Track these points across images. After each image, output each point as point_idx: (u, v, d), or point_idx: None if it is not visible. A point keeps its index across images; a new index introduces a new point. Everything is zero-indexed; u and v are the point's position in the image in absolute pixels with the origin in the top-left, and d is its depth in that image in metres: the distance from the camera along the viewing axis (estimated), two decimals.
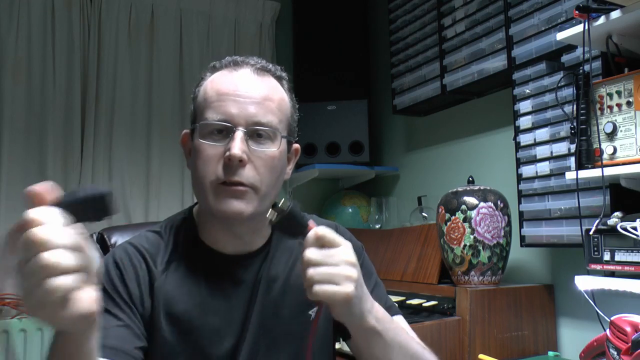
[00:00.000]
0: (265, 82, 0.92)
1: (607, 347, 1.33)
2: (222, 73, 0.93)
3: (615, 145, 1.39)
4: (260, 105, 0.89)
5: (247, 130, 0.87)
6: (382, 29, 2.75)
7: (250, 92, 0.89)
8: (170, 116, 2.70)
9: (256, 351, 0.92)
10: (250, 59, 0.94)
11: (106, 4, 2.60)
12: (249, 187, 0.87)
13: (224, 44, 2.86)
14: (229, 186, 0.86)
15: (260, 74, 0.93)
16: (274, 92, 0.92)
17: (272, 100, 0.91)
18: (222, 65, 0.95)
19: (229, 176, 0.86)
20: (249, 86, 0.90)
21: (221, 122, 0.87)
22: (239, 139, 0.86)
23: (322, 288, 0.73)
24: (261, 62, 0.95)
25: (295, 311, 0.95)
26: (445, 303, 1.81)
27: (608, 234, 1.37)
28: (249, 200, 0.87)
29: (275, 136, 0.90)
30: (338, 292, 0.74)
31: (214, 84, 0.92)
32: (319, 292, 0.73)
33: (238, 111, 0.87)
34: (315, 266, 0.74)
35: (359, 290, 0.77)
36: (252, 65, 0.93)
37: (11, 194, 2.38)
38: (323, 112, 2.69)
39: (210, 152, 0.87)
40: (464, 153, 2.36)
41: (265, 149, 0.89)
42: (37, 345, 2.29)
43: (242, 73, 0.92)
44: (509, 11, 1.93)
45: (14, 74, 2.42)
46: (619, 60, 1.46)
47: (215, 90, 0.90)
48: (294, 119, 0.98)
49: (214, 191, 0.87)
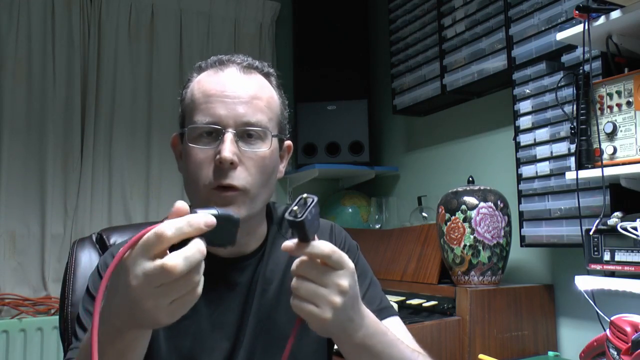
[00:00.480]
0: (252, 80, 0.90)
1: (607, 347, 1.33)
2: (207, 73, 0.91)
3: (615, 145, 1.39)
4: (249, 104, 0.87)
5: (237, 131, 0.85)
6: (382, 29, 2.75)
7: (238, 92, 0.87)
8: (170, 116, 2.70)
9: (252, 354, 0.91)
10: (237, 57, 0.92)
11: (106, 4, 2.60)
12: (240, 191, 0.85)
13: (224, 44, 2.86)
14: (220, 191, 0.85)
15: (247, 72, 0.91)
16: (262, 90, 0.90)
17: (260, 99, 0.89)
18: (208, 65, 0.93)
19: (220, 180, 0.84)
20: (236, 86, 0.88)
21: (210, 124, 0.86)
22: (228, 141, 0.84)
23: (301, 305, 0.70)
24: (247, 60, 0.92)
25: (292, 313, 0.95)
26: (445, 303, 1.81)
27: (608, 234, 1.37)
28: (241, 204, 0.86)
29: (265, 135, 0.88)
30: (314, 314, 0.70)
31: (201, 85, 0.90)
32: (296, 307, 0.71)
33: (226, 112, 0.85)
34: (303, 279, 0.70)
35: (342, 315, 0.72)
36: (238, 63, 0.91)
37: (11, 194, 2.38)
38: (323, 112, 2.69)
39: (200, 156, 0.86)
40: (464, 153, 2.36)
41: (256, 149, 0.87)
42: (37, 345, 2.29)
43: (229, 72, 0.90)
44: (509, 11, 1.93)
45: (14, 74, 2.42)
46: (619, 60, 1.46)
47: (202, 92, 0.89)
48: (284, 116, 0.96)
49: (206, 197, 0.86)
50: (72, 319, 1.04)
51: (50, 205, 2.43)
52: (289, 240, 0.71)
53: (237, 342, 0.91)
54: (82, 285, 1.07)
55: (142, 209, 2.62)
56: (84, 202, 2.49)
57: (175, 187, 2.68)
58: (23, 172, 2.42)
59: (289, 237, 0.99)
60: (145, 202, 2.63)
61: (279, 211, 1.03)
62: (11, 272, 2.36)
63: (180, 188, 2.68)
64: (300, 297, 0.70)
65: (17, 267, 2.38)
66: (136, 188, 2.62)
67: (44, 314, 2.36)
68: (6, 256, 2.36)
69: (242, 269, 0.94)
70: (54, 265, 2.42)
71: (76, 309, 1.03)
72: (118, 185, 2.58)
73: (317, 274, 0.70)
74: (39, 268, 2.41)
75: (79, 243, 1.15)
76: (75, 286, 1.08)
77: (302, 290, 0.70)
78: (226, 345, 0.90)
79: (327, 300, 0.70)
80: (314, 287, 0.70)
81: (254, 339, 0.92)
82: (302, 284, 0.70)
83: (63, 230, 2.46)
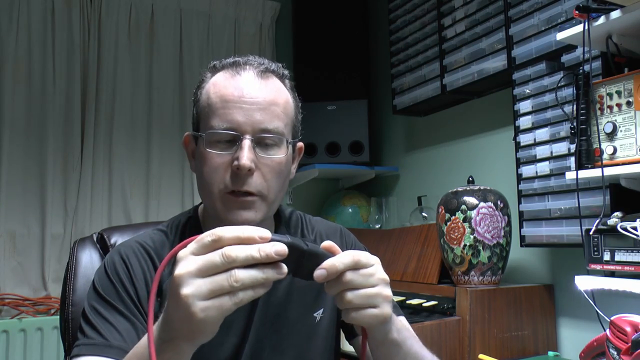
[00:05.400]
0: (269, 85, 0.90)
1: (607, 347, 1.33)
2: (224, 76, 0.90)
3: (615, 145, 1.39)
4: (266, 111, 0.87)
5: (254, 138, 0.86)
6: (382, 29, 2.75)
7: (255, 97, 0.87)
8: (170, 116, 2.70)
9: (260, 352, 0.91)
10: (253, 60, 0.92)
11: (106, 4, 2.60)
12: (257, 196, 0.86)
13: (224, 44, 2.86)
14: (237, 196, 0.86)
15: (264, 76, 0.90)
16: (279, 95, 0.90)
17: (277, 105, 0.89)
18: (223, 66, 0.92)
19: (237, 186, 0.85)
20: (253, 91, 0.87)
21: (228, 130, 0.86)
22: (246, 148, 0.84)
23: (362, 314, 0.70)
24: (264, 64, 0.92)
25: (301, 312, 0.95)
26: (445, 303, 1.81)
27: (608, 234, 1.37)
28: (258, 209, 0.87)
29: (281, 142, 0.89)
30: (378, 315, 0.70)
31: (218, 89, 0.89)
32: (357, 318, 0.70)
33: (244, 119, 0.85)
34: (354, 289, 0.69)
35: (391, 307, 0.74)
36: (255, 67, 0.90)
37: (11, 194, 2.38)
38: (323, 112, 2.69)
39: (217, 161, 0.86)
40: (464, 153, 2.36)
41: (272, 155, 0.88)
42: (37, 345, 2.29)
43: (246, 77, 0.89)
44: (509, 11, 1.93)
45: (14, 74, 2.42)
46: (619, 60, 1.46)
47: (219, 96, 0.88)
48: (298, 119, 0.97)
49: (222, 200, 0.87)
50: (74, 319, 1.04)
51: (50, 205, 2.43)
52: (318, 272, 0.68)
53: (244, 339, 0.91)
54: (83, 285, 1.07)
55: (142, 209, 2.62)
56: (84, 202, 2.49)
57: (175, 187, 2.68)
58: (23, 172, 2.42)
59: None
60: (145, 202, 2.63)
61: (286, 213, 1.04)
62: (11, 272, 2.36)
63: (180, 188, 2.68)
64: (356, 308, 0.70)
65: (17, 267, 2.38)
66: (136, 188, 2.62)
67: (44, 314, 2.36)
68: (6, 256, 2.36)
69: None
70: (54, 265, 2.42)
71: (77, 308, 1.04)
72: (118, 185, 2.58)
73: (359, 278, 0.69)
74: (39, 268, 2.41)
75: (79, 243, 1.15)
76: (77, 286, 1.08)
77: (357, 300, 0.69)
78: (234, 341, 0.91)
79: (382, 296, 0.71)
80: (364, 291, 0.69)
81: (262, 335, 0.92)
82: (355, 293, 0.69)
83: (63, 230, 2.46)
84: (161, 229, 0.97)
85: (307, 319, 0.95)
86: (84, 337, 0.84)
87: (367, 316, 0.70)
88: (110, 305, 0.85)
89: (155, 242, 0.94)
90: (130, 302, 0.86)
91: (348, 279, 0.68)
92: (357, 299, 0.69)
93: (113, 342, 0.81)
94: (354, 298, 0.69)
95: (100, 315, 0.84)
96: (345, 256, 0.69)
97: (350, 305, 0.69)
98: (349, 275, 0.68)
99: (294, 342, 0.94)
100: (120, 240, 1.13)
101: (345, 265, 0.68)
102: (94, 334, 0.82)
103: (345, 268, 0.68)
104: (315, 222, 1.07)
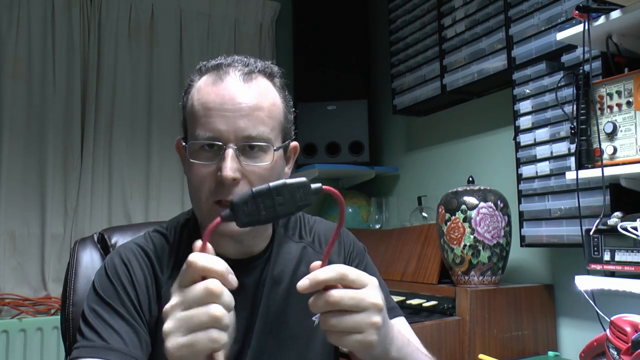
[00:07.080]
0: (253, 88, 0.86)
1: (607, 347, 1.33)
2: (207, 82, 0.88)
3: (615, 145, 1.39)
4: (250, 117, 0.84)
5: (238, 146, 0.83)
6: (382, 29, 2.75)
7: (238, 105, 0.84)
8: (170, 116, 2.70)
9: (261, 354, 0.91)
10: (237, 62, 0.89)
11: (106, 4, 2.60)
12: None
13: (224, 44, 2.86)
14: (223, 206, 0.84)
15: (247, 79, 0.86)
16: (263, 98, 0.86)
17: (261, 109, 0.85)
18: (207, 69, 0.90)
19: (223, 195, 0.84)
20: (236, 97, 0.84)
21: (210, 140, 0.83)
22: (229, 158, 0.82)
23: (345, 339, 0.66)
24: (249, 65, 0.88)
25: (300, 315, 0.94)
26: (445, 303, 1.81)
27: (608, 234, 1.37)
28: None
29: (268, 148, 0.86)
30: (361, 341, 0.65)
31: (200, 95, 0.87)
32: (341, 342, 0.66)
33: (227, 127, 0.83)
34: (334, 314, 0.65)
35: (382, 333, 0.68)
36: (239, 70, 0.87)
37: (11, 193, 2.38)
38: (323, 112, 2.69)
39: (202, 171, 0.85)
40: (464, 153, 2.36)
41: (258, 162, 0.85)
42: (37, 345, 2.29)
43: (228, 82, 0.86)
44: (509, 11, 1.93)
45: (14, 74, 2.42)
46: (618, 60, 1.46)
47: (201, 104, 0.86)
48: (289, 120, 0.92)
49: (208, 211, 0.86)
50: (74, 319, 1.04)
51: (50, 205, 2.43)
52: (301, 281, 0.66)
53: (245, 343, 0.90)
54: (84, 285, 1.07)
55: (142, 209, 2.62)
56: (84, 202, 2.49)
57: (175, 187, 2.68)
58: (23, 171, 2.42)
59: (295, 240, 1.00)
60: (145, 202, 2.63)
61: None
62: (11, 272, 2.36)
63: (180, 188, 2.68)
64: (340, 332, 0.65)
65: (17, 267, 2.38)
66: (136, 188, 2.62)
67: (44, 314, 2.36)
68: (6, 256, 2.36)
69: (250, 270, 0.93)
70: (54, 265, 2.42)
71: (77, 308, 1.04)
72: (118, 185, 2.58)
73: (349, 301, 0.65)
74: (39, 268, 2.41)
75: (80, 243, 1.15)
76: (77, 286, 1.08)
77: (341, 325, 0.65)
78: (235, 348, 0.90)
79: (368, 323, 0.65)
80: (350, 316, 0.65)
81: (263, 339, 0.91)
82: (338, 319, 0.65)
83: (63, 230, 2.46)
84: (161, 232, 0.97)
85: (306, 323, 0.94)
86: (83, 339, 0.83)
87: (350, 343, 0.66)
88: (110, 308, 0.85)
89: (156, 246, 0.94)
90: (131, 305, 0.86)
91: (336, 298, 0.64)
92: (342, 324, 0.65)
93: (113, 344, 0.80)
94: (338, 323, 0.65)
95: (100, 318, 0.84)
96: (331, 268, 0.65)
97: (333, 329, 0.65)
98: (337, 294, 0.64)
99: (294, 346, 0.93)
100: (121, 240, 1.13)
101: (329, 277, 0.64)
102: (94, 336, 0.82)
103: (328, 279, 0.64)
104: (315, 222, 1.06)
